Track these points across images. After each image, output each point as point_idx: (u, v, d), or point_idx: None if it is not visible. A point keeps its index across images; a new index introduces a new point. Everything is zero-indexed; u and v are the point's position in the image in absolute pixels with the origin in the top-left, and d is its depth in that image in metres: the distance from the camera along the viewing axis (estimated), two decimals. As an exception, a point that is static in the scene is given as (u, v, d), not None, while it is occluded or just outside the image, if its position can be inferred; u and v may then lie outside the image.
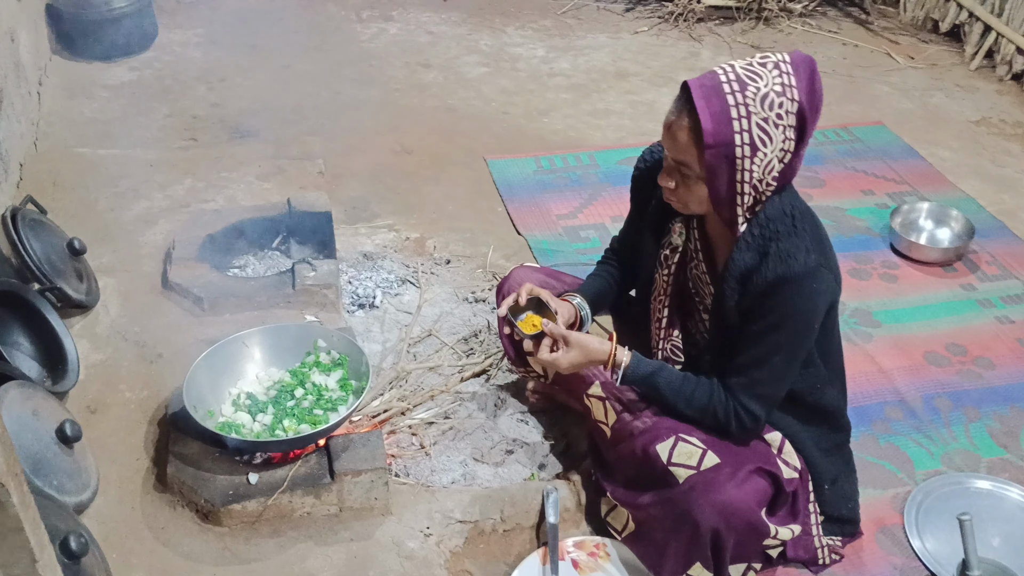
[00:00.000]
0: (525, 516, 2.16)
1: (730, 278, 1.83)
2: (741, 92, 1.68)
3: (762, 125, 1.69)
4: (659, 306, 2.05)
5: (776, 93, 1.69)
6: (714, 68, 1.75)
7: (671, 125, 1.75)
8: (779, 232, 1.79)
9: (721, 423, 1.91)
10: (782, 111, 1.69)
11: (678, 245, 1.96)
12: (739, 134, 1.68)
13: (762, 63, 1.72)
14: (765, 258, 1.78)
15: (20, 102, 3.27)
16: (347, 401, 2.21)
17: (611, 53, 4.59)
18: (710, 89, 1.69)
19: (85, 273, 2.64)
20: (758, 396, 1.89)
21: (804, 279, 1.77)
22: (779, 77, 1.70)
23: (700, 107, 1.68)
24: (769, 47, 4.68)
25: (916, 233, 3.24)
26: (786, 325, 1.81)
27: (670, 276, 2.00)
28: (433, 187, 3.42)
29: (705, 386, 1.93)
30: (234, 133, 3.66)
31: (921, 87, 4.36)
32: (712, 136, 1.68)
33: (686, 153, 1.73)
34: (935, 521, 2.20)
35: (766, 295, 1.78)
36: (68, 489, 1.98)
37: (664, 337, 2.07)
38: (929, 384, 2.62)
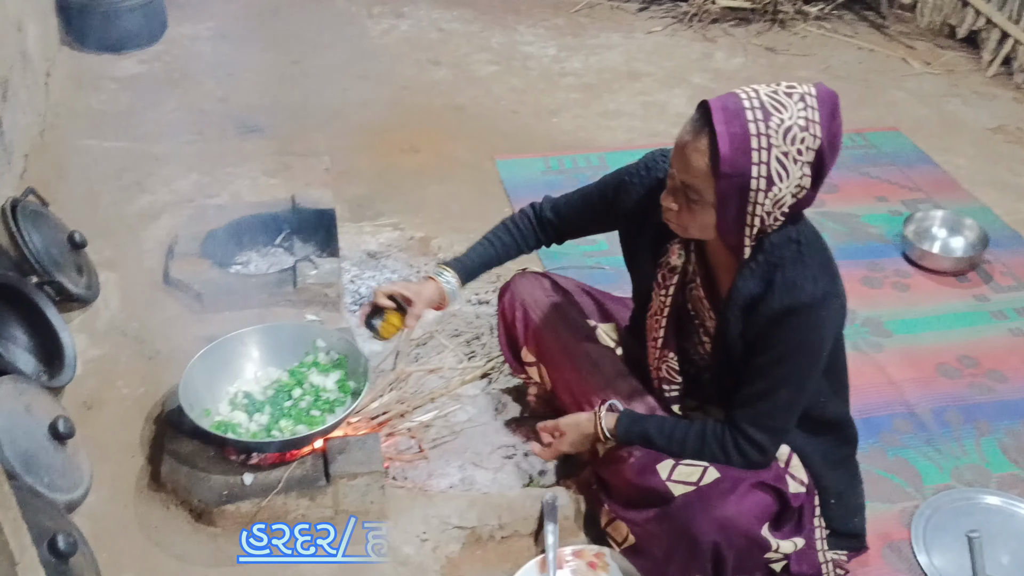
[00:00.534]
0: (524, 523, 2.12)
1: (734, 306, 1.78)
2: (764, 122, 1.60)
3: (781, 159, 1.61)
4: (656, 326, 1.98)
5: (799, 127, 1.61)
6: (737, 90, 1.65)
7: (685, 146, 1.66)
8: (784, 259, 1.72)
9: (721, 460, 1.87)
10: (803, 147, 1.61)
11: (676, 266, 1.89)
12: (757, 166, 1.60)
13: (788, 93, 1.63)
14: (771, 287, 1.73)
15: (26, 92, 3.25)
16: (345, 403, 2.18)
17: (624, 53, 4.54)
18: (732, 114, 1.60)
19: (85, 267, 2.62)
20: (764, 428, 1.83)
21: (812, 309, 1.71)
22: (803, 111, 1.61)
23: (720, 132, 1.59)
24: (784, 49, 4.63)
25: (929, 242, 3.19)
26: (793, 357, 1.76)
27: (668, 297, 1.93)
28: (439, 186, 3.39)
29: (695, 429, 1.90)
30: (241, 128, 3.63)
31: (937, 93, 4.30)
32: (729, 165, 1.60)
33: (698, 178, 1.65)
34: (943, 537, 2.16)
35: (773, 326, 1.73)
36: (59, 487, 1.95)
37: (660, 357, 2.01)
38: (939, 396, 2.57)
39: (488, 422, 2.39)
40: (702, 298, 1.90)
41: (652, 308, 1.98)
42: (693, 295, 1.92)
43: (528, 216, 2.17)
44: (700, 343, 1.97)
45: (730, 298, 1.78)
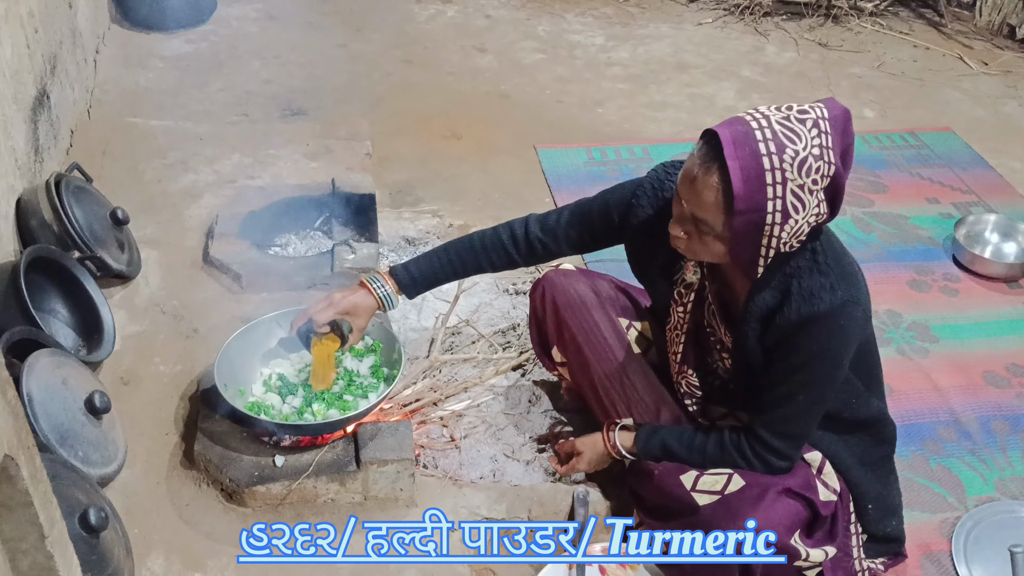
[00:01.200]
0: (553, 517, 2.10)
1: (751, 319, 1.74)
2: (778, 155, 1.53)
3: (797, 192, 1.55)
4: (676, 340, 1.95)
5: (814, 157, 1.54)
6: (745, 116, 1.58)
7: (695, 180, 1.59)
8: (800, 268, 1.68)
9: (742, 466, 1.84)
10: (818, 176, 1.55)
11: (693, 283, 1.85)
12: (772, 201, 1.54)
13: (801, 119, 1.56)
14: (787, 296, 1.68)
15: (75, 69, 3.28)
16: (378, 388, 2.17)
17: (672, 44, 4.48)
18: (743, 147, 1.53)
19: (127, 243, 2.64)
20: (783, 434, 1.80)
21: (831, 318, 1.67)
22: (818, 138, 1.55)
23: (732, 168, 1.53)
24: (837, 45, 4.53)
25: (981, 246, 3.10)
26: (811, 365, 1.72)
27: (687, 314, 1.89)
28: (480, 174, 3.36)
29: (714, 438, 1.87)
30: (285, 110, 3.64)
31: (994, 94, 4.19)
32: (744, 202, 1.54)
33: (709, 213, 1.60)
34: (984, 551, 2.10)
35: (791, 334, 1.69)
36: (93, 461, 1.97)
37: (679, 372, 1.98)
38: (986, 406, 2.50)
39: (521, 414, 2.37)
40: (715, 314, 1.86)
41: (670, 323, 1.95)
42: (710, 310, 1.88)
43: (503, 235, 2.02)
44: (719, 358, 1.93)
45: (746, 312, 1.75)
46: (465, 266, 2.04)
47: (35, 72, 2.76)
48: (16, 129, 2.52)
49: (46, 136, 2.80)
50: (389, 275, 2.04)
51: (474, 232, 2.06)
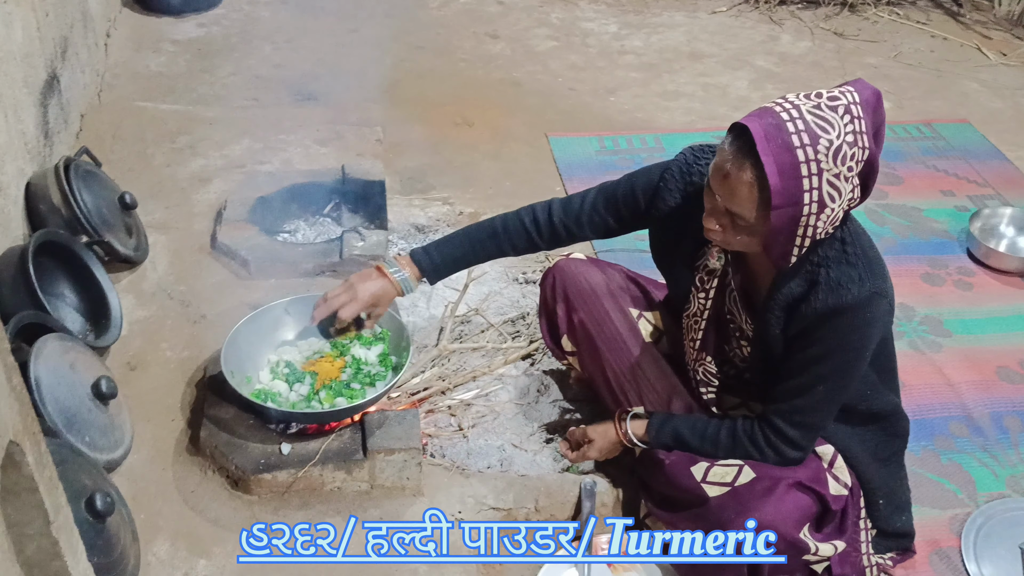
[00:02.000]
0: (560, 508, 2.09)
1: (775, 307, 1.72)
2: (812, 146, 1.50)
3: (832, 182, 1.53)
4: (695, 326, 1.92)
5: (848, 144, 1.52)
6: (775, 107, 1.54)
7: (728, 176, 1.56)
8: (828, 259, 1.66)
9: (755, 456, 1.82)
10: (853, 162, 1.53)
11: (716, 269, 1.82)
12: (808, 192, 1.52)
13: (832, 107, 1.53)
14: (815, 287, 1.66)
15: (86, 52, 3.27)
16: (386, 377, 2.16)
17: (686, 32, 4.44)
18: (776, 141, 1.50)
19: (135, 228, 2.63)
20: (798, 424, 1.78)
21: (857, 309, 1.64)
22: (850, 124, 1.52)
23: (767, 163, 1.50)
24: (853, 35, 4.48)
25: (996, 239, 3.07)
26: (834, 356, 1.70)
27: (708, 300, 1.86)
28: (492, 162, 3.34)
29: (727, 426, 1.85)
30: (296, 95, 3.62)
31: (1013, 86, 4.13)
32: (781, 197, 1.52)
33: (744, 208, 1.57)
34: (995, 547, 2.08)
35: (816, 324, 1.67)
36: (100, 446, 1.96)
37: (697, 359, 1.96)
38: (999, 401, 2.47)
39: (529, 403, 2.36)
40: (737, 301, 1.84)
41: (690, 310, 1.92)
42: (732, 297, 1.86)
43: (526, 218, 2.00)
44: (738, 346, 1.91)
45: (771, 299, 1.72)
46: (487, 250, 2.02)
47: (45, 55, 2.75)
48: (26, 113, 2.51)
49: (56, 120, 2.79)
50: (409, 260, 2.00)
51: (496, 216, 2.04)
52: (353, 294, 1.97)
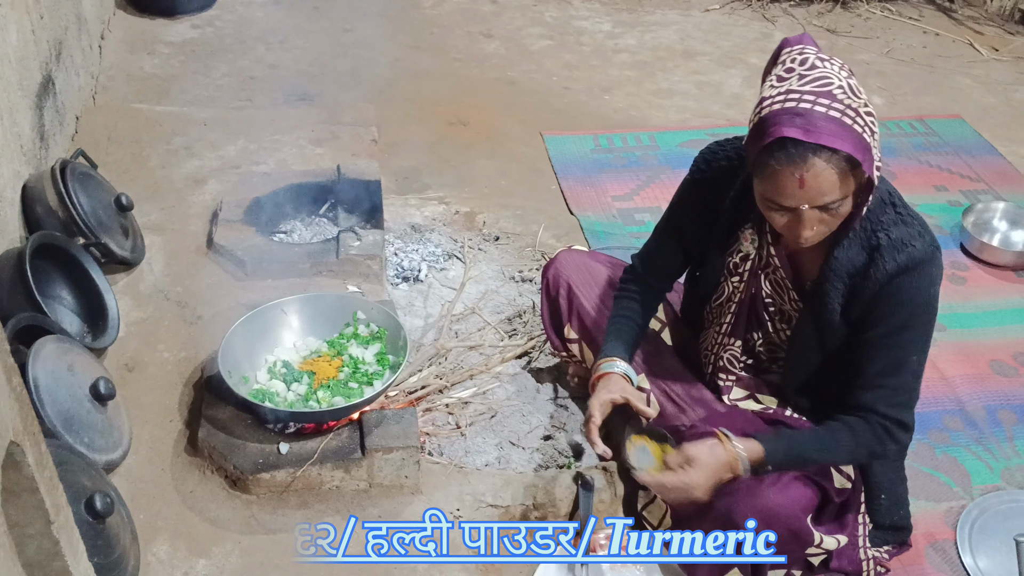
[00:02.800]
0: (558, 505, 2.10)
1: (834, 278, 1.72)
2: (836, 101, 1.55)
3: (867, 110, 1.59)
4: (724, 312, 1.93)
5: (847, 78, 1.58)
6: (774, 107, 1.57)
7: (803, 180, 1.56)
8: (884, 223, 1.69)
9: (878, 452, 1.79)
10: (861, 88, 1.60)
11: (749, 252, 1.84)
12: (864, 131, 1.57)
13: (808, 66, 1.59)
14: (877, 251, 1.68)
15: (80, 55, 3.27)
16: (383, 376, 2.17)
17: (680, 31, 4.45)
18: (814, 122, 1.54)
19: (131, 230, 2.63)
20: (904, 404, 1.76)
21: (925, 264, 1.67)
22: (832, 65, 1.59)
23: (827, 140, 1.53)
24: (846, 31, 4.50)
25: (989, 234, 3.09)
26: (919, 318, 1.71)
27: (742, 283, 1.87)
28: (487, 161, 3.35)
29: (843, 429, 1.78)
30: (290, 96, 3.62)
31: (1005, 81, 4.15)
32: (858, 151, 1.55)
33: (837, 190, 1.58)
34: (990, 540, 2.09)
35: (887, 290, 1.67)
36: (99, 447, 1.97)
37: (722, 343, 1.96)
38: (993, 395, 2.49)
39: (527, 401, 2.37)
40: (783, 280, 1.84)
41: (721, 296, 1.93)
42: (771, 280, 1.86)
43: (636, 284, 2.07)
44: (775, 331, 1.91)
45: (828, 272, 1.73)
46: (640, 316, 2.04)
47: (40, 58, 2.75)
48: (22, 115, 2.52)
49: (51, 122, 2.79)
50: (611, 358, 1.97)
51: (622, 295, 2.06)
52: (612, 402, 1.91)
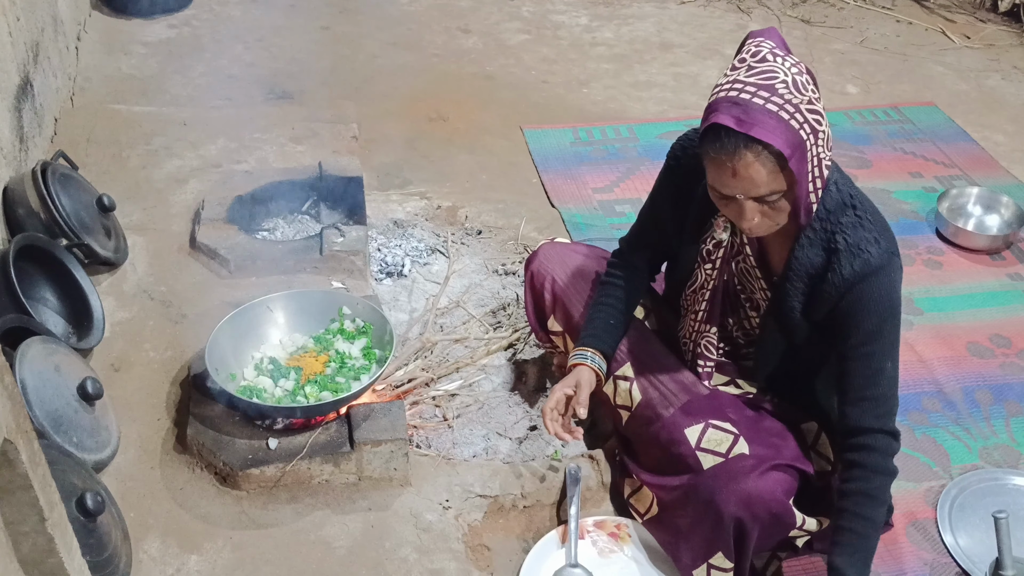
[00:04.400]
0: (546, 493, 2.12)
1: (794, 277, 1.75)
2: (776, 95, 1.57)
3: (810, 108, 1.59)
4: (699, 299, 1.96)
5: (795, 75, 1.59)
6: (720, 94, 1.60)
7: (736, 172, 1.59)
8: (843, 224, 1.70)
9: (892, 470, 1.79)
10: (811, 84, 1.61)
11: (722, 240, 1.86)
12: (801, 128, 1.58)
13: (759, 58, 1.61)
14: (835, 255, 1.70)
15: (57, 57, 3.26)
16: (370, 370, 2.18)
17: (656, 23, 4.48)
18: (751, 113, 1.56)
19: (114, 230, 2.63)
20: (888, 414, 1.78)
21: (882, 271, 1.69)
22: (784, 61, 1.61)
23: (758, 133, 1.55)
24: (819, 21, 4.55)
25: (964, 219, 3.14)
26: (885, 327, 1.73)
27: (714, 271, 1.90)
28: (468, 156, 3.37)
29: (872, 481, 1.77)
30: (269, 94, 3.62)
31: (977, 68, 4.21)
32: (787, 147, 1.56)
33: (769, 183, 1.60)
34: (969, 517, 2.14)
35: (853, 300, 1.70)
36: (87, 446, 1.98)
37: (698, 331, 1.99)
38: (970, 376, 2.53)
39: (513, 392, 2.39)
40: (753, 269, 1.87)
41: (695, 283, 1.96)
42: (741, 268, 1.89)
43: (620, 268, 2.11)
44: (746, 317, 1.94)
45: (789, 269, 1.76)
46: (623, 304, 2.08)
47: (18, 60, 2.74)
48: (0, 118, 2.51)
49: (30, 124, 2.78)
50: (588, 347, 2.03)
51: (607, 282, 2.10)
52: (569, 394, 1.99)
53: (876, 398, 1.76)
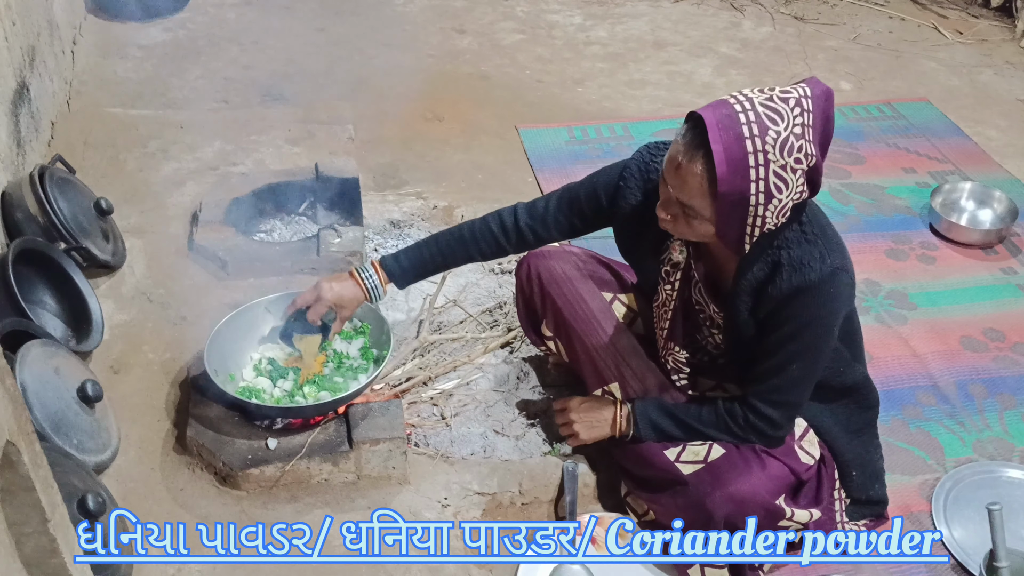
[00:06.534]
0: (543, 490, 2.14)
1: (741, 293, 1.78)
2: (761, 137, 1.56)
3: (779, 173, 1.58)
4: (663, 316, 1.98)
5: (795, 136, 1.57)
6: (730, 99, 1.60)
7: (680, 166, 1.61)
8: (788, 240, 1.71)
9: (739, 435, 1.87)
10: (800, 155, 1.58)
11: (679, 262, 1.88)
12: (755, 183, 1.57)
13: (784, 99, 1.58)
14: (778, 268, 1.71)
15: (53, 61, 3.27)
16: (368, 369, 2.19)
17: (650, 22, 4.50)
18: (728, 131, 1.55)
19: (112, 233, 2.65)
20: (776, 403, 1.83)
21: (821, 286, 1.70)
22: (799, 117, 1.57)
23: (716, 151, 1.55)
24: (813, 19, 4.56)
25: (957, 214, 3.16)
26: (804, 334, 1.75)
27: (674, 291, 1.92)
28: (463, 155, 3.38)
29: (707, 408, 1.90)
30: (265, 96, 3.64)
31: (969, 63, 4.23)
32: (727, 185, 1.57)
33: (694, 198, 1.62)
34: (963, 510, 2.15)
35: (783, 305, 1.72)
36: (88, 448, 1.99)
37: (666, 347, 2.01)
38: (964, 370, 2.55)
39: (510, 391, 2.40)
40: (703, 292, 1.89)
41: (658, 300, 1.98)
42: (698, 288, 1.91)
43: (493, 224, 2.07)
44: (710, 334, 1.96)
45: (736, 287, 1.78)
46: (455, 256, 2.09)
47: (14, 65, 2.75)
48: (-3, 122, 2.52)
49: (27, 129, 2.79)
50: (379, 265, 2.07)
51: (463, 223, 2.10)
52: (317, 295, 2.06)
53: (773, 387, 1.82)
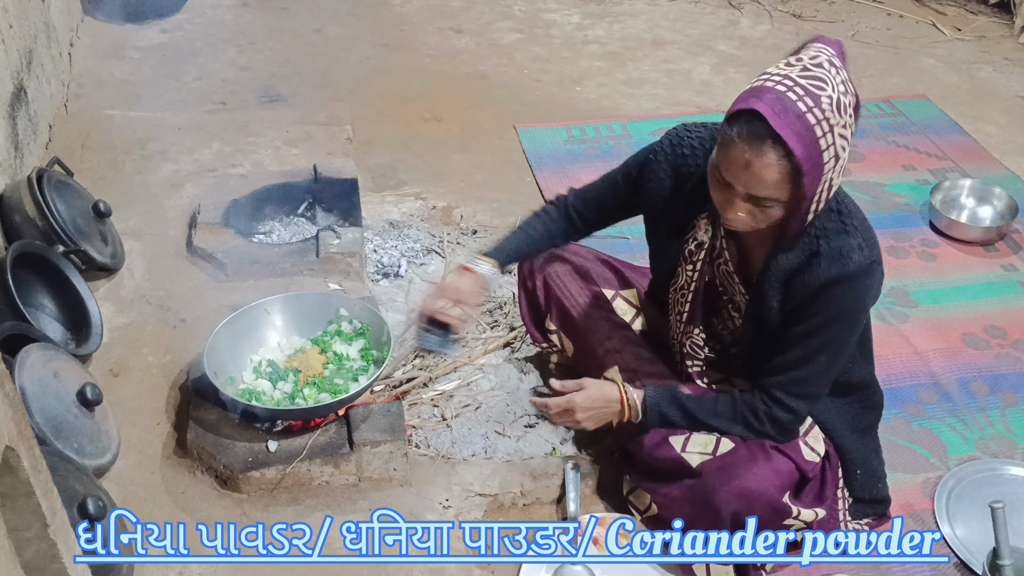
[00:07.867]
0: (545, 491, 2.13)
1: (772, 278, 1.76)
2: (818, 107, 1.54)
3: (842, 133, 1.58)
4: (682, 300, 1.96)
5: (843, 94, 1.57)
6: (767, 84, 1.57)
7: (749, 163, 1.57)
8: (827, 230, 1.70)
9: (756, 428, 1.85)
10: (851, 109, 1.59)
11: (704, 242, 1.86)
12: (826, 150, 1.57)
13: (816, 63, 1.58)
14: (816, 257, 1.70)
15: (51, 63, 3.27)
16: (368, 371, 2.19)
17: (648, 20, 4.49)
18: (787, 113, 1.53)
19: (110, 236, 2.64)
20: (798, 395, 1.81)
21: (859, 277, 1.69)
22: (838, 75, 1.57)
23: (787, 136, 1.53)
24: (811, 16, 4.56)
25: (957, 211, 3.15)
26: (835, 324, 1.74)
27: (695, 272, 1.90)
28: (462, 155, 3.38)
29: (724, 398, 1.88)
30: (263, 97, 3.63)
31: (968, 60, 4.23)
32: (808, 163, 1.55)
33: (771, 188, 1.59)
34: (966, 508, 2.15)
35: (818, 295, 1.71)
36: (88, 452, 1.98)
37: (684, 332, 2.00)
38: (966, 367, 2.54)
39: (511, 391, 2.40)
40: (732, 273, 1.88)
41: (678, 282, 1.96)
42: (722, 270, 1.89)
43: (555, 209, 2.10)
44: (729, 318, 1.95)
45: (767, 271, 1.76)
46: (541, 238, 2.11)
47: (11, 68, 2.74)
48: (-5, 125, 2.52)
49: (25, 132, 2.79)
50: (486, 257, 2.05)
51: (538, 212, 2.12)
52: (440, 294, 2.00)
53: (796, 379, 1.79)
